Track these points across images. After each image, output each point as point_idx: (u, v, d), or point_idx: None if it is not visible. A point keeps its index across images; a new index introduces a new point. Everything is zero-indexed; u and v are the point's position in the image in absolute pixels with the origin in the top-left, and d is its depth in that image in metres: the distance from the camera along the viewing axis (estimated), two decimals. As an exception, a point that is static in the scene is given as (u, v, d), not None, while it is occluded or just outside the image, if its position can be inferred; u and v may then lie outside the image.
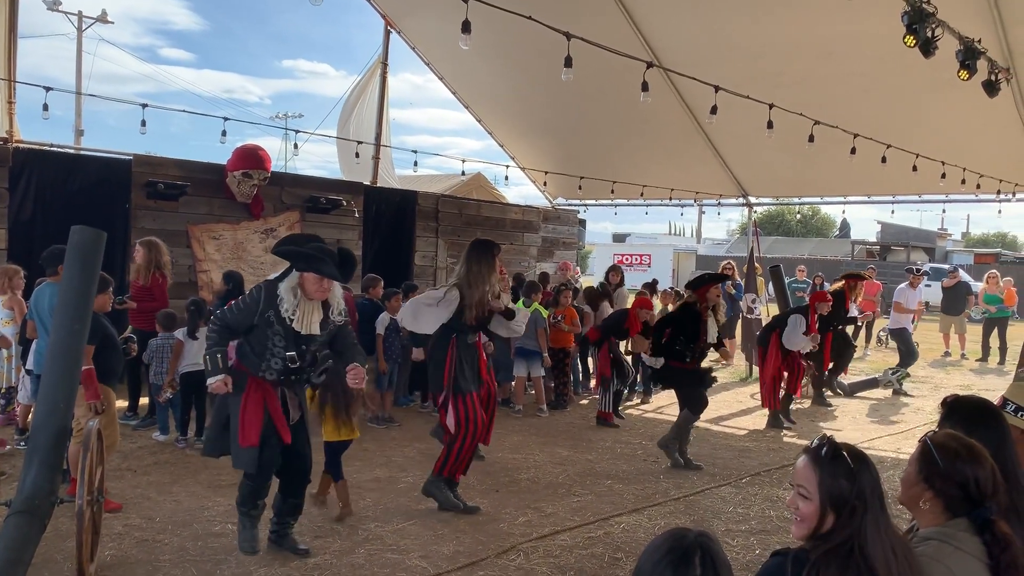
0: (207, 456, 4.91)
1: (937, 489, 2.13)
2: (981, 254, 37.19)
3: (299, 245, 4.50)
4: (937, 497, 2.13)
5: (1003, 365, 14.67)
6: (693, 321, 7.17)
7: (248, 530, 4.66)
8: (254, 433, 4.43)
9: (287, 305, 4.38)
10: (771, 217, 55.72)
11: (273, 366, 4.49)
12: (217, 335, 4.52)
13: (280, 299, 4.39)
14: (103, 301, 5.46)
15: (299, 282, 4.42)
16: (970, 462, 2.11)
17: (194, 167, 9.82)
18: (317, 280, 4.40)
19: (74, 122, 24.85)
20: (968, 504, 2.10)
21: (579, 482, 6.60)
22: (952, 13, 6.12)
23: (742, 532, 5.53)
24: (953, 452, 2.14)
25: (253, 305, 4.43)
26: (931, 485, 2.13)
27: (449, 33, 6.98)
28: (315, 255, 4.39)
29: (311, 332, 4.49)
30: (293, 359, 4.50)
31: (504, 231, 13.58)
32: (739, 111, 7.86)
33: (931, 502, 2.14)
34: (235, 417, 4.47)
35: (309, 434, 4.82)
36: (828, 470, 2.00)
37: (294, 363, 4.52)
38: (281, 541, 4.81)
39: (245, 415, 4.43)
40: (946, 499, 2.12)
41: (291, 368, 4.54)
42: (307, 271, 4.39)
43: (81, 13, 26.40)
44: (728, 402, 10.63)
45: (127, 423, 7.64)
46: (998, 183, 10.26)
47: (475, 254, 5.66)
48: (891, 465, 7.22)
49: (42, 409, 4.02)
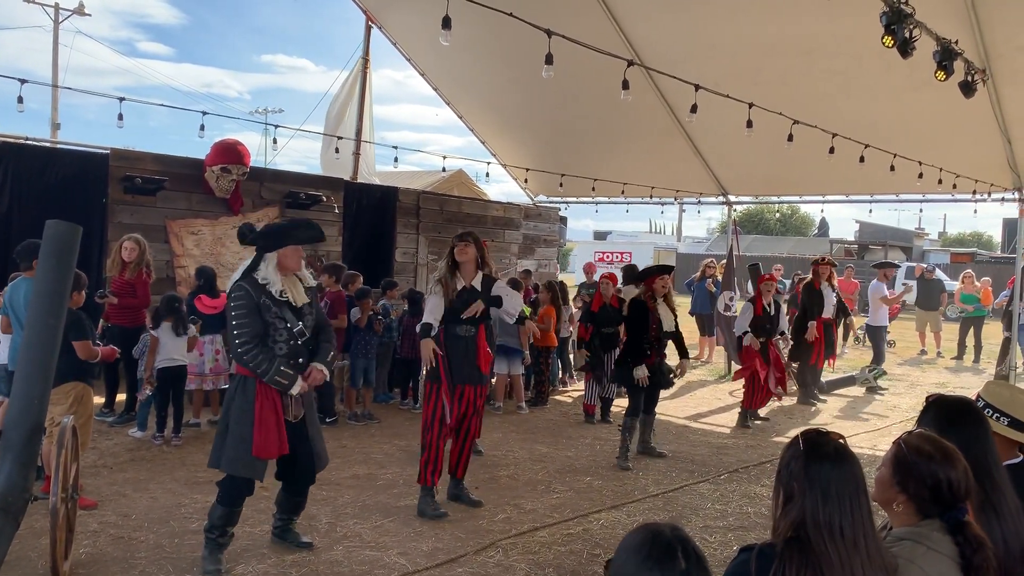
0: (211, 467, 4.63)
1: (910, 493, 2.12)
2: (958, 253, 37.59)
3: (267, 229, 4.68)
4: (910, 500, 2.13)
5: (978, 363, 14.86)
6: (642, 313, 7.23)
7: (215, 553, 4.45)
8: (272, 442, 4.37)
9: (275, 285, 4.42)
10: (750, 216, 56.02)
11: (278, 351, 4.43)
12: (261, 355, 4.35)
13: (268, 283, 4.41)
14: (76, 299, 5.40)
15: (278, 261, 4.46)
16: (943, 464, 2.12)
17: (172, 162, 9.73)
18: (295, 251, 4.51)
19: (50, 115, 24.56)
20: (940, 506, 2.11)
21: (558, 479, 6.62)
22: (930, 14, 6.18)
23: (720, 528, 5.56)
24: (926, 455, 2.13)
25: (249, 301, 4.38)
26: (904, 488, 2.13)
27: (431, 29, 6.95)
28: (288, 228, 4.62)
29: (303, 302, 4.56)
30: (302, 332, 4.50)
31: (485, 228, 13.56)
32: (719, 110, 7.89)
33: (904, 504, 2.14)
34: (245, 425, 4.35)
35: (316, 430, 4.72)
36: (786, 453, 2.07)
37: (303, 335, 4.51)
38: (284, 536, 4.86)
39: (261, 424, 4.35)
40: (919, 502, 2.12)
41: (299, 346, 4.50)
42: (286, 244, 4.47)
43: (58, 5, 26.07)
44: (707, 399, 10.68)
45: (103, 419, 7.57)
46: (974, 183, 10.36)
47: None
48: (868, 462, 7.27)
49: (16, 405, 3.97)
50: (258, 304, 4.38)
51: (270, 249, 4.46)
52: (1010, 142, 9.63)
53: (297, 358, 4.51)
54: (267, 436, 4.35)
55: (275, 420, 4.39)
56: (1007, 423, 2.67)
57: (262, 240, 4.51)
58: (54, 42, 25.85)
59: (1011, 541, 2.27)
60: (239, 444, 4.35)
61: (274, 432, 4.38)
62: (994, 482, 2.34)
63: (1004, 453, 2.59)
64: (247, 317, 4.37)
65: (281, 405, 4.44)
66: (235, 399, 4.45)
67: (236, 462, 4.37)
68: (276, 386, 4.38)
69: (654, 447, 7.47)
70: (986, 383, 2.89)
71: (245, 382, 4.43)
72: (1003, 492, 2.34)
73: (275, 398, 4.42)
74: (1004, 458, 2.55)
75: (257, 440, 4.33)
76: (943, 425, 2.39)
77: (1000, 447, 2.56)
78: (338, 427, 8.04)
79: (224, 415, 4.54)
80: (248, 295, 4.38)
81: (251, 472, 4.40)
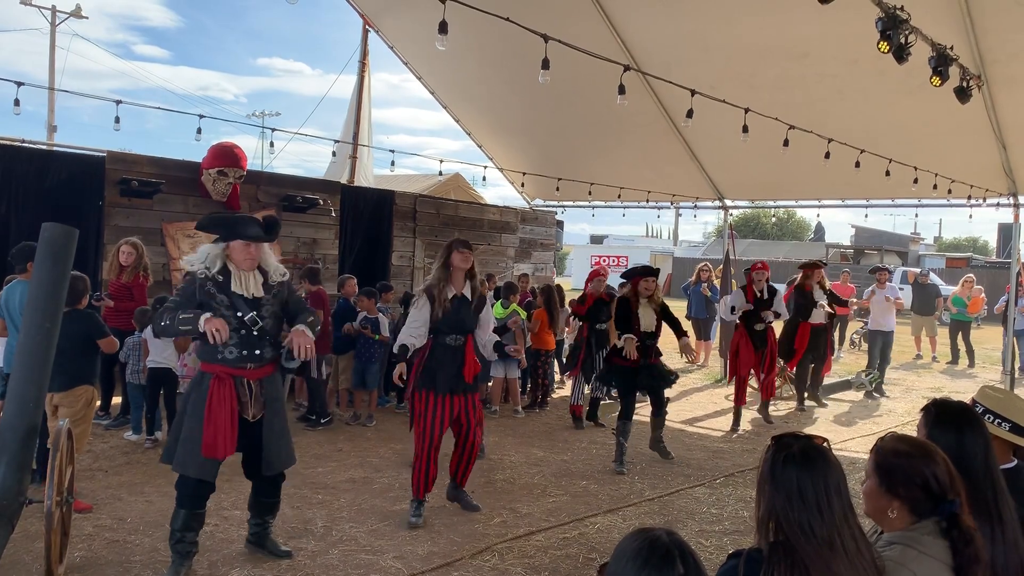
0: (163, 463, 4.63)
1: (903, 496, 2.13)
2: (953, 258, 37.70)
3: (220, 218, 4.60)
4: (903, 503, 2.14)
5: (972, 368, 14.89)
6: (625, 312, 7.29)
7: (179, 563, 4.35)
8: (221, 442, 4.26)
9: (212, 264, 4.33)
10: (747, 220, 56.13)
11: (229, 341, 4.30)
12: (164, 315, 4.33)
13: (208, 268, 4.33)
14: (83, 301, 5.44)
15: (227, 253, 4.39)
16: (924, 460, 2.13)
17: (169, 165, 9.71)
18: (243, 247, 4.36)
19: (47, 118, 24.55)
20: (932, 502, 2.12)
21: (554, 483, 6.61)
22: (925, 20, 6.21)
23: (716, 533, 5.56)
24: (906, 454, 2.15)
25: (189, 287, 4.38)
26: (895, 493, 2.14)
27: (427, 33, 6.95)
28: (237, 221, 4.44)
29: (254, 294, 4.42)
30: (253, 320, 4.35)
31: (482, 232, 13.57)
32: (715, 114, 7.90)
33: (898, 509, 2.14)
34: (195, 420, 4.28)
35: (283, 428, 4.61)
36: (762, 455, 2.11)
37: (255, 324, 4.36)
38: (262, 542, 4.74)
39: (210, 422, 4.25)
40: (912, 503, 2.13)
41: (253, 336, 4.37)
42: (231, 239, 4.36)
43: (55, 8, 26.08)
44: (702, 403, 10.69)
45: (99, 423, 7.56)
46: (969, 188, 10.39)
47: (440, 252, 5.62)
48: (862, 467, 7.27)
49: (11, 408, 3.96)
50: (196, 290, 4.33)
51: (221, 240, 4.42)
52: (1005, 148, 9.66)
53: (252, 349, 4.39)
54: (216, 436, 4.25)
55: (227, 419, 4.28)
56: (1008, 428, 2.67)
57: (213, 227, 4.49)
58: (51, 44, 25.86)
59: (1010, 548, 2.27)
60: (189, 443, 4.28)
61: (224, 431, 4.27)
62: (998, 487, 2.35)
63: (999, 458, 2.60)
64: (179, 298, 4.40)
65: (238, 404, 4.35)
66: (191, 395, 4.40)
67: (187, 463, 4.29)
68: (185, 332, 4.35)
69: (664, 447, 7.46)
70: (981, 388, 2.89)
71: (202, 378, 4.37)
72: (1006, 497, 2.35)
73: (231, 396, 4.31)
74: (999, 462, 2.56)
75: (207, 439, 4.24)
76: (946, 429, 2.40)
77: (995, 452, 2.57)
78: (334, 430, 8.04)
79: (180, 411, 4.47)
80: (192, 281, 4.38)
81: (202, 473, 4.29)
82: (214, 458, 4.30)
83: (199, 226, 4.57)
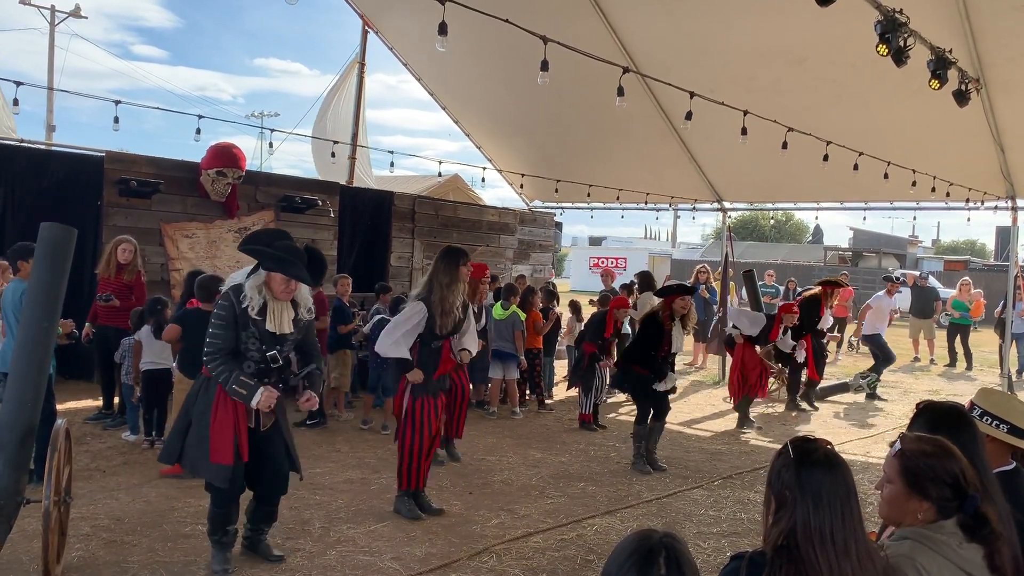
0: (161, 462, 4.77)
1: (933, 497, 2.10)
2: (951, 261, 37.77)
3: (268, 243, 4.34)
4: (933, 505, 2.11)
5: (970, 371, 14.91)
6: (657, 331, 7.19)
7: (220, 553, 4.49)
8: (227, 449, 4.27)
9: (252, 303, 4.26)
10: (745, 222, 56.21)
11: (246, 369, 4.34)
12: (223, 366, 4.27)
13: (244, 296, 4.27)
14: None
15: (265, 281, 4.32)
16: (948, 458, 2.11)
17: (167, 165, 9.72)
18: (284, 281, 4.30)
19: (45, 118, 24.51)
20: (958, 500, 2.10)
21: (552, 484, 6.61)
22: (924, 23, 6.20)
23: (713, 534, 5.57)
24: (932, 455, 2.13)
25: (229, 313, 4.29)
26: (925, 495, 2.11)
27: (427, 34, 6.96)
28: (283, 256, 4.27)
29: (284, 332, 4.40)
30: (274, 358, 4.39)
31: (480, 233, 13.58)
32: (714, 117, 7.90)
33: (926, 512, 2.12)
34: (202, 428, 4.30)
35: (288, 440, 4.62)
36: (776, 461, 2.06)
37: (275, 362, 4.40)
38: (255, 547, 4.74)
39: (215, 430, 4.27)
40: (941, 503, 2.10)
41: (270, 369, 4.42)
42: (274, 271, 4.28)
43: (54, 7, 26.06)
44: (700, 405, 10.69)
45: (99, 422, 7.56)
46: (967, 191, 10.41)
47: (443, 264, 5.56)
48: (860, 468, 7.29)
49: (9, 407, 3.96)
50: (236, 317, 4.29)
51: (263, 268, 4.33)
52: (1003, 151, 9.67)
53: (263, 377, 4.40)
54: (223, 443, 4.26)
55: (232, 427, 4.29)
56: (1007, 430, 2.67)
57: (259, 256, 4.33)
58: (50, 44, 25.84)
59: None
60: (199, 448, 4.30)
61: (230, 440, 4.28)
62: (990, 488, 2.35)
63: (996, 460, 2.60)
64: (222, 329, 4.29)
65: (245, 412, 4.36)
66: (197, 398, 4.39)
67: (198, 468, 4.35)
68: (234, 396, 4.27)
69: (656, 459, 7.32)
70: (979, 390, 2.90)
71: (208, 383, 4.38)
72: (995, 498, 2.35)
73: (237, 405, 4.33)
74: (996, 465, 2.56)
75: (213, 445, 4.26)
76: (934, 431, 2.41)
77: (993, 454, 2.58)
78: (331, 431, 8.03)
79: (185, 412, 4.46)
80: (231, 307, 4.29)
81: (215, 478, 4.31)
82: (223, 463, 4.29)
83: (243, 248, 4.41)
